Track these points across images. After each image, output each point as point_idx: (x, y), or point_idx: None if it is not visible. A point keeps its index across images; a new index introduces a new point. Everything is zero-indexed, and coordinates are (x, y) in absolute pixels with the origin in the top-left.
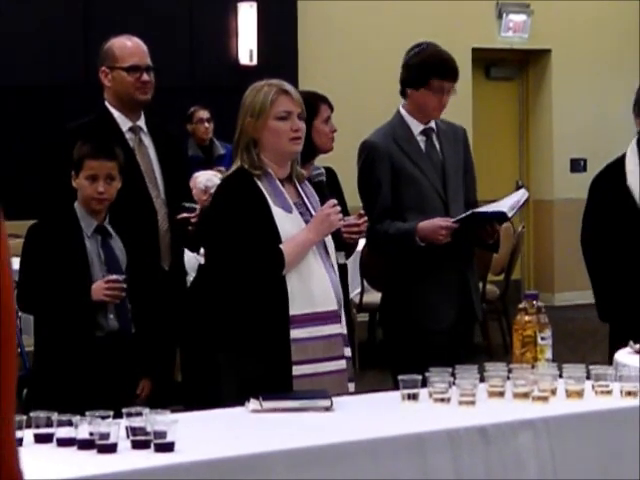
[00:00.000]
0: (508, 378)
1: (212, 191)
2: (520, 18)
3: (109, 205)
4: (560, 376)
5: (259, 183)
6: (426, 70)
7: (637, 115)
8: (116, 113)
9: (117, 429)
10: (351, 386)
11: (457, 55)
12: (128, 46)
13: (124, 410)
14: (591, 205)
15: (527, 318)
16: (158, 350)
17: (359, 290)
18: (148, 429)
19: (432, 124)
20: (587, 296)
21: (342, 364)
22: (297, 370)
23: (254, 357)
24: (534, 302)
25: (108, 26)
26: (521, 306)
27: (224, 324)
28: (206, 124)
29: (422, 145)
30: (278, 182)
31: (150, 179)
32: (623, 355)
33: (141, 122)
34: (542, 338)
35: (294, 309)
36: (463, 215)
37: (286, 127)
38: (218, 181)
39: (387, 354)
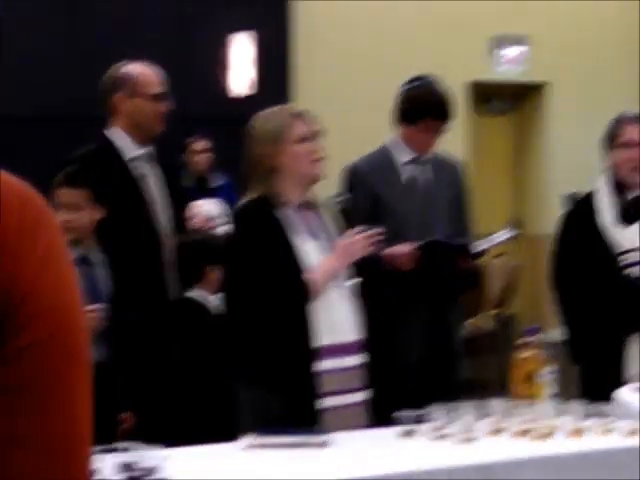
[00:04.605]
0: (508, 415)
1: (215, 221)
2: (516, 51)
3: (93, 234)
4: (560, 414)
5: (277, 212)
6: (420, 108)
7: (606, 151)
8: (121, 142)
9: (106, 465)
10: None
11: (452, 88)
12: (151, 73)
13: (114, 445)
14: (560, 243)
15: (527, 354)
16: (142, 383)
17: None
18: (138, 465)
19: (423, 155)
20: None
21: (363, 396)
22: (322, 403)
23: (277, 392)
24: (534, 337)
25: (102, 56)
26: (521, 341)
27: (246, 358)
28: (202, 155)
29: (407, 175)
30: (297, 209)
31: (155, 209)
32: (625, 393)
33: (148, 150)
34: (542, 374)
35: (317, 340)
36: (423, 242)
37: (305, 150)
38: (221, 211)
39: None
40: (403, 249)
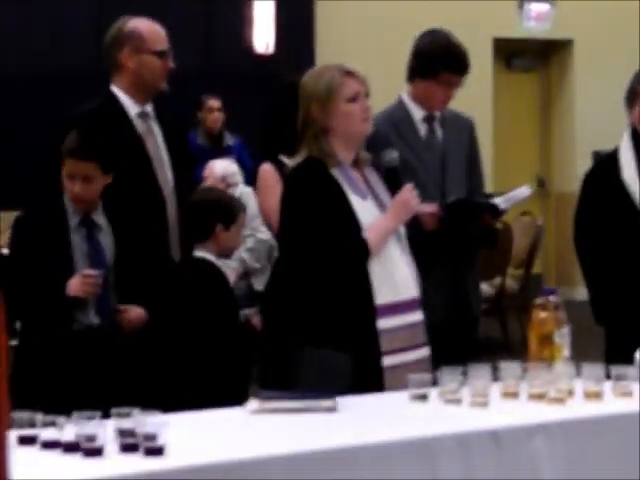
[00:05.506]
0: (523, 377)
1: (229, 180)
2: (542, 7)
3: (99, 199)
4: (579, 376)
5: (332, 171)
6: (436, 61)
7: (629, 106)
8: (125, 98)
9: (104, 431)
10: None
11: (478, 45)
12: (156, 30)
13: (113, 410)
14: (584, 201)
15: (544, 315)
16: (146, 347)
17: None
18: (137, 431)
19: (436, 112)
20: None
21: (426, 352)
22: (386, 361)
23: (343, 350)
24: (552, 298)
25: (122, 9)
26: (538, 302)
27: (308, 318)
28: (216, 113)
29: (422, 132)
30: (350, 168)
31: (159, 168)
32: None
33: (149, 108)
34: (559, 336)
35: (379, 298)
36: (449, 201)
37: (357, 109)
38: (235, 170)
39: None
40: (428, 208)
